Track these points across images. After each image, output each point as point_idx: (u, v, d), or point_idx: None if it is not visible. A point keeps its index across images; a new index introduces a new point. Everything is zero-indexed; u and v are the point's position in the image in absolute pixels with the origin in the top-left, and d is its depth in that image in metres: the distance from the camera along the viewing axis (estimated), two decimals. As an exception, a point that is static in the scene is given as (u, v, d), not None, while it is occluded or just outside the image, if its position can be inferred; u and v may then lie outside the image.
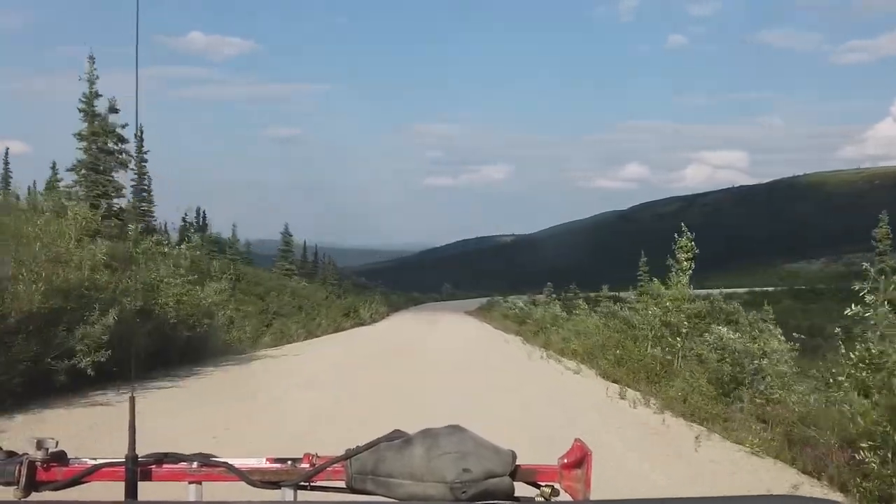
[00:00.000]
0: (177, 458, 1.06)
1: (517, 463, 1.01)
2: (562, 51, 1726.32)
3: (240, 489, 1.03)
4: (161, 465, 1.06)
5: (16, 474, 1.00)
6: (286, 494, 1.04)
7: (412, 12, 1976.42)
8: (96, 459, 1.06)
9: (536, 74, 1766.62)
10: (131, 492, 1.01)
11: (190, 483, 1.06)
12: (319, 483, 1.05)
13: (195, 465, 1.06)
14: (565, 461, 1.03)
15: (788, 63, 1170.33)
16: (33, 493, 1.02)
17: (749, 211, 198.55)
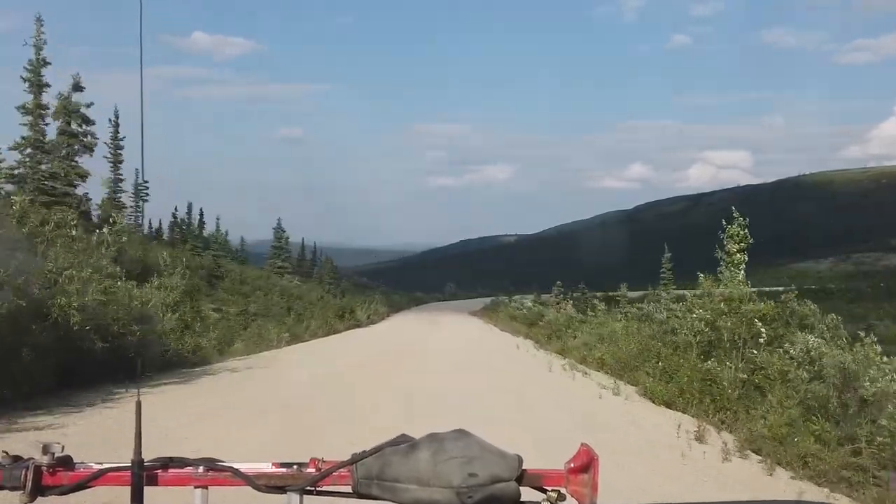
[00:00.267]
0: (183, 463, 1.05)
1: (523, 467, 0.99)
2: (563, 51, 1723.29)
3: (246, 494, 1.05)
4: (167, 470, 1.04)
5: (22, 479, 0.99)
6: (292, 499, 1.03)
7: (413, 12, 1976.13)
8: (102, 464, 1.04)
9: (537, 74, 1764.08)
10: (137, 496, 1.01)
11: (196, 487, 1.04)
12: (325, 488, 1.04)
13: (201, 470, 1.04)
14: (572, 465, 1.00)
15: (792, 62, 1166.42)
16: (39, 498, 1.02)
17: (754, 210, 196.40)
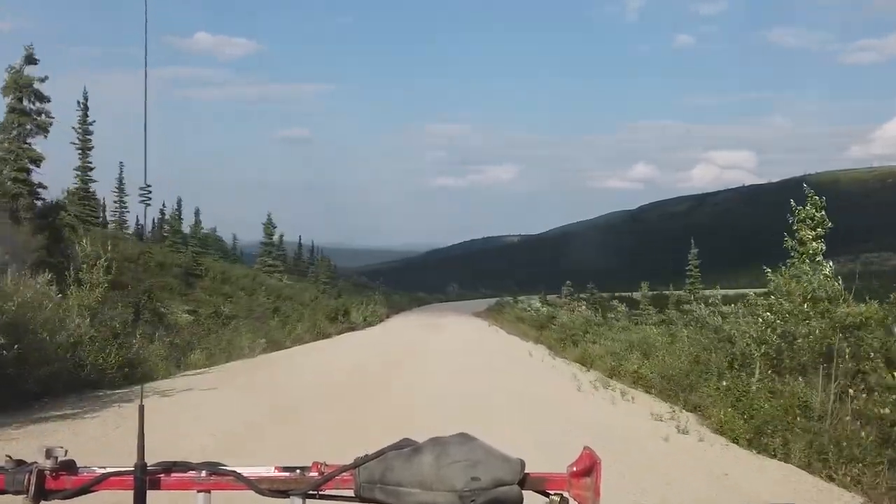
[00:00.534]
0: (185, 467, 1.04)
1: (526, 471, 0.97)
2: (565, 50, 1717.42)
3: (248, 498, 1.04)
4: (170, 474, 1.04)
5: (25, 483, 1.00)
6: (294, 503, 1.03)
7: (414, 12, 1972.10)
8: (105, 468, 1.04)
9: (538, 74, 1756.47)
10: (140, 500, 1.01)
11: (198, 492, 1.04)
12: (328, 492, 1.03)
13: (204, 474, 1.03)
14: (574, 469, 0.99)
15: (796, 62, 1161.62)
16: (42, 502, 1.01)
17: (760, 210, 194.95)
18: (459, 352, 19.11)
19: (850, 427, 6.58)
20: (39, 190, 19.20)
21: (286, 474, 1.03)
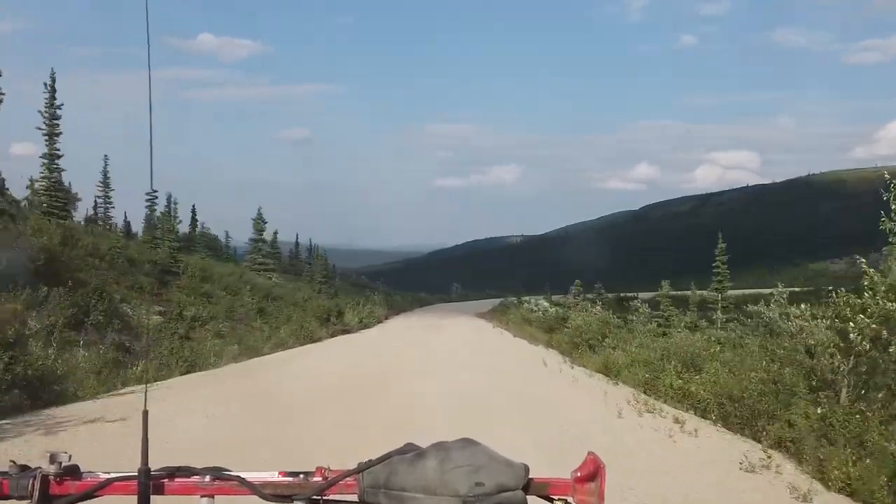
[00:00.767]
0: (189, 472, 1.04)
1: (530, 476, 0.97)
2: (566, 50, 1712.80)
3: (252, 503, 1.02)
4: (173, 479, 1.03)
5: (29, 488, 0.98)
6: None
7: (414, 12, 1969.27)
8: (109, 473, 1.03)
9: (539, 74, 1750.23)
10: None
11: (202, 497, 1.04)
12: (331, 497, 1.02)
13: (208, 479, 1.03)
14: (578, 474, 0.98)
15: (799, 62, 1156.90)
16: None
17: (765, 210, 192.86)
18: (462, 357, 16.95)
19: None
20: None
21: (290, 479, 1.02)
